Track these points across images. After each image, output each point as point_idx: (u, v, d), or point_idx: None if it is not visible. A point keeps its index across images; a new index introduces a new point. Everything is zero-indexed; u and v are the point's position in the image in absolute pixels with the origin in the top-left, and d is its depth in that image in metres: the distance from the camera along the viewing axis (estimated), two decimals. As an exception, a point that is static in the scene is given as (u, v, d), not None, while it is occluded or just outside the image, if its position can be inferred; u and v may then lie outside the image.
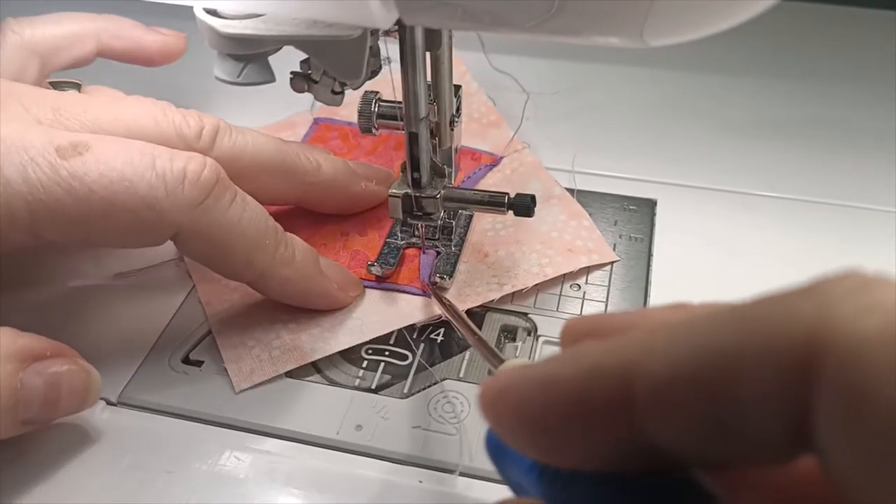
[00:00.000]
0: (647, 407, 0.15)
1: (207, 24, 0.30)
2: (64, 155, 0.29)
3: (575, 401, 0.16)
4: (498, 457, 0.20)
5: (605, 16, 0.24)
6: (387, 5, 0.26)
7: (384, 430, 0.33)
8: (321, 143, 0.47)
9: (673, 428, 0.15)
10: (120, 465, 0.32)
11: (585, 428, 0.16)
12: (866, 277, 0.14)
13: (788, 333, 0.13)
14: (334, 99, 0.34)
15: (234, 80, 0.32)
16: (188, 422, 0.33)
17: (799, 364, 0.13)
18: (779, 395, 0.13)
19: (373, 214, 0.42)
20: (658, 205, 0.43)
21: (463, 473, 0.31)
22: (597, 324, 0.20)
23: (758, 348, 0.14)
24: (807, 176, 0.45)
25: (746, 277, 0.39)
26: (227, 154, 0.35)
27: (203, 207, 0.31)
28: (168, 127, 0.33)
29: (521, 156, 0.46)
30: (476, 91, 0.50)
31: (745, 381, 0.14)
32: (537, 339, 0.36)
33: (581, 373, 0.16)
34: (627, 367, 0.15)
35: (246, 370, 0.35)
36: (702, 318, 0.15)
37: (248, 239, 0.33)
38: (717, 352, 0.14)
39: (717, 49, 0.50)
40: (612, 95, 0.51)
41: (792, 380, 0.13)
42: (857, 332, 0.12)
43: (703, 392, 0.14)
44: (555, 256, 0.39)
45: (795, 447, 0.14)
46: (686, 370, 0.14)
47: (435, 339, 0.37)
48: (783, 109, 0.50)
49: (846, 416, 0.12)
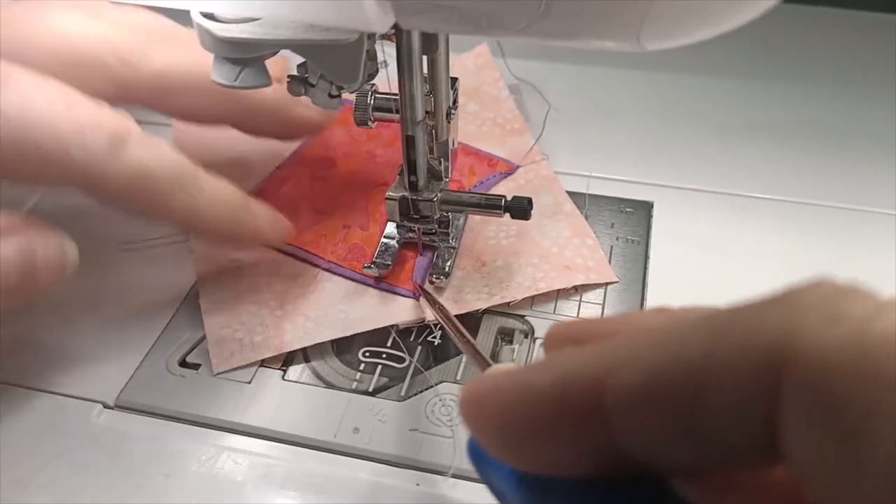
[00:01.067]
0: (617, 415, 0.15)
1: (204, 27, 0.30)
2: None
3: (550, 409, 0.16)
4: (479, 463, 0.20)
5: (602, 20, 0.24)
6: (383, 9, 0.26)
7: (381, 432, 0.33)
8: (343, 125, 0.47)
9: (643, 436, 0.15)
10: (117, 469, 0.32)
11: (561, 436, 0.16)
12: (836, 287, 0.14)
13: (756, 343, 0.13)
14: (331, 102, 0.34)
15: (230, 83, 0.32)
16: (185, 425, 0.33)
17: (766, 374, 0.13)
18: (746, 404, 0.13)
19: (376, 209, 0.42)
20: (654, 207, 0.43)
21: (456, 475, 0.31)
22: (580, 330, 0.20)
23: (726, 357, 0.14)
24: (803, 178, 0.45)
25: (742, 279, 0.39)
26: (159, 70, 0.34)
27: (113, 155, 0.31)
28: (98, 45, 0.33)
29: (538, 167, 0.45)
30: (506, 98, 0.50)
31: (713, 390, 0.14)
32: (534, 342, 0.36)
33: (556, 381, 0.16)
34: (599, 376, 0.15)
35: (226, 353, 0.35)
36: (675, 325, 0.15)
37: (164, 182, 0.33)
38: (687, 361, 0.14)
39: (714, 52, 0.50)
40: (608, 98, 0.52)
41: (759, 389, 0.13)
42: (822, 342, 0.13)
43: (673, 401, 0.14)
44: (550, 272, 0.39)
45: (767, 455, 0.14)
46: (656, 379, 0.14)
47: (432, 341, 0.37)
48: (779, 112, 0.50)
49: (809, 425, 0.13)
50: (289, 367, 0.35)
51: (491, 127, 0.48)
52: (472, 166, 0.45)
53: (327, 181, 0.44)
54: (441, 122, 0.37)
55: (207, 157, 0.46)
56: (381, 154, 0.46)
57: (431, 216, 0.37)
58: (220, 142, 0.48)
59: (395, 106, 0.35)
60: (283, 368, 0.35)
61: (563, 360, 0.17)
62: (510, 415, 0.17)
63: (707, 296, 0.38)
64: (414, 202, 0.37)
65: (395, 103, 0.35)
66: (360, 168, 0.45)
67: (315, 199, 0.43)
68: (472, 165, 0.45)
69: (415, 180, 0.36)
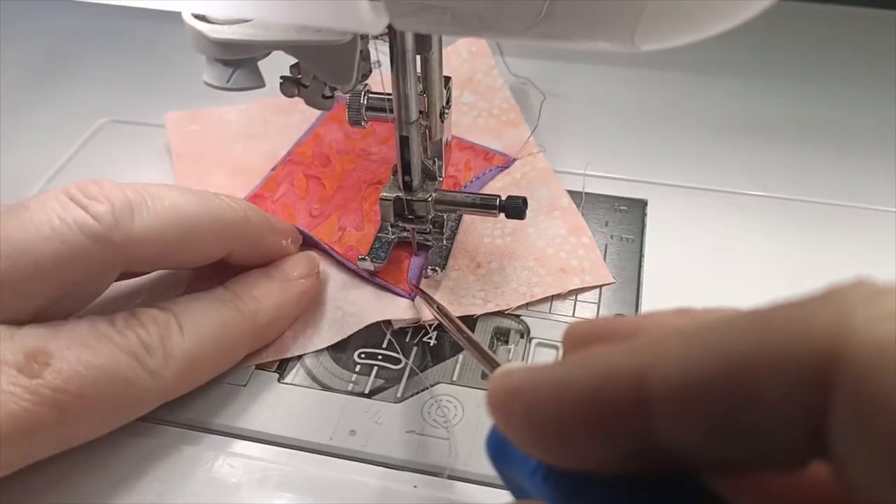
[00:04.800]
0: (660, 411, 0.15)
1: (196, 29, 0.30)
2: (31, 372, 0.27)
3: (587, 405, 0.16)
4: (500, 457, 0.20)
5: (595, 20, 0.24)
6: (377, 11, 0.26)
7: (378, 434, 0.33)
8: (336, 122, 0.47)
9: (686, 432, 0.15)
10: (113, 474, 0.31)
11: (597, 431, 0.16)
12: (877, 286, 0.14)
13: (806, 341, 0.13)
14: (324, 103, 0.34)
15: (222, 85, 0.31)
16: (180, 428, 0.33)
17: (816, 372, 0.13)
18: (795, 402, 0.14)
19: (371, 209, 0.42)
20: (649, 205, 0.43)
21: (452, 476, 0.31)
22: (601, 328, 0.20)
23: (776, 354, 0.14)
24: (798, 176, 0.45)
25: (737, 277, 0.39)
26: (150, 230, 0.31)
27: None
28: (74, 235, 0.29)
29: (535, 160, 0.45)
30: (500, 87, 0.49)
31: (762, 387, 0.14)
32: (530, 342, 0.36)
33: (594, 376, 0.16)
34: (641, 371, 0.15)
35: None
36: (717, 322, 0.15)
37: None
38: (734, 357, 0.14)
39: (709, 49, 0.50)
40: (602, 96, 0.51)
41: (809, 387, 0.13)
42: (874, 340, 0.13)
43: (719, 397, 0.14)
44: (545, 276, 0.38)
45: (809, 453, 0.14)
46: (701, 374, 0.15)
47: (427, 342, 0.36)
48: (774, 109, 0.50)
49: (860, 423, 0.13)
50: (284, 370, 0.35)
51: (486, 118, 0.47)
52: (468, 161, 0.45)
53: (321, 180, 0.44)
54: (435, 122, 0.37)
55: (205, 159, 0.46)
56: (375, 151, 0.46)
57: (426, 216, 0.37)
58: (217, 142, 0.47)
59: (388, 106, 0.35)
60: (278, 371, 0.35)
61: (597, 357, 0.17)
62: (543, 409, 0.17)
63: (702, 293, 0.38)
64: (408, 202, 0.36)
65: (388, 103, 0.35)
66: (354, 166, 0.45)
67: (310, 202, 0.43)
68: (468, 160, 0.45)
69: (409, 180, 0.36)
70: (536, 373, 0.18)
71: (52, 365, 0.28)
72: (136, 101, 0.51)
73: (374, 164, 0.45)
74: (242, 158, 0.46)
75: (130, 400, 0.30)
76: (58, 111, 0.52)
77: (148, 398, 0.31)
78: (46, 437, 0.28)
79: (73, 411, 0.28)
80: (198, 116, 0.49)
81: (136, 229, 0.30)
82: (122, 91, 0.53)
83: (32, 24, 0.60)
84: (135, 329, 0.30)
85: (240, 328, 0.33)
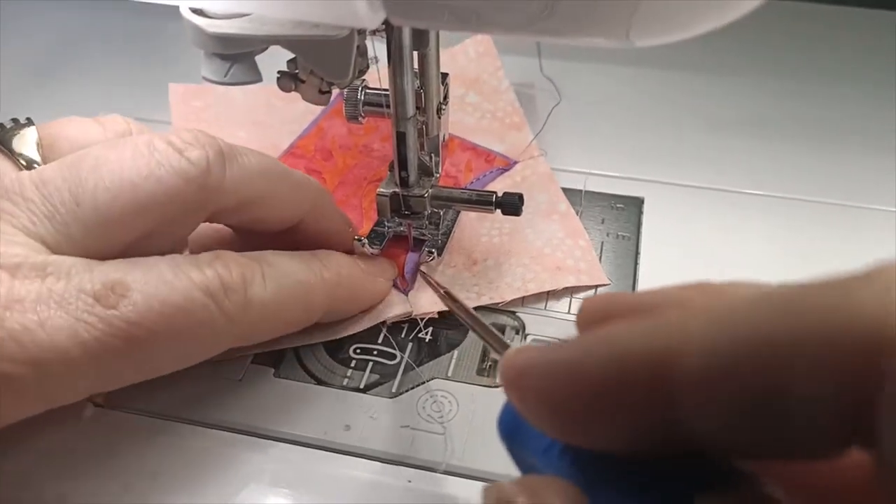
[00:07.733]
0: (684, 395, 0.15)
1: (193, 23, 0.30)
2: (107, 303, 0.27)
3: (606, 386, 0.16)
4: (512, 435, 0.20)
5: (590, 17, 0.24)
6: (374, 6, 0.26)
7: (373, 429, 0.33)
8: (340, 116, 0.47)
9: (711, 417, 0.14)
10: (107, 467, 0.31)
11: (614, 412, 0.16)
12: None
13: (850, 324, 0.13)
14: (321, 98, 0.34)
15: (220, 79, 0.31)
16: (175, 423, 0.33)
17: (862, 356, 0.12)
18: (838, 388, 0.13)
19: (370, 206, 0.42)
20: (645, 203, 0.43)
21: (447, 471, 0.31)
22: (615, 303, 0.19)
23: (816, 338, 0.13)
24: (795, 174, 0.45)
25: (733, 276, 0.39)
26: (240, 180, 0.32)
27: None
28: (170, 177, 0.30)
29: (535, 163, 0.45)
30: (506, 89, 0.49)
31: (799, 373, 0.13)
32: (525, 338, 0.36)
33: (613, 357, 0.16)
34: (664, 353, 0.15)
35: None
36: (744, 302, 0.14)
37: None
38: (765, 340, 0.13)
39: (705, 47, 0.50)
40: (598, 94, 0.52)
41: (853, 373, 0.13)
42: None
43: (748, 382, 0.14)
44: (540, 273, 0.38)
45: (845, 441, 0.13)
46: (729, 358, 0.14)
47: (423, 338, 0.37)
48: (771, 108, 0.50)
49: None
50: (279, 365, 0.35)
51: (490, 120, 0.47)
52: (469, 161, 0.45)
53: (323, 175, 0.44)
54: (431, 118, 0.37)
55: None
56: (378, 148, 0.46)
57: (422, 212, 0.37)
58: (220, 125, 0.47)
59: (385, 101, 0.35)
60: (273, 366, 0.35)
61: (616, 334, 0.16)
62: (560, 389, 0.17)
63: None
64: (405, 198, 0.36)
65: (385, 98, 0.35)
66: (356, 162, 0.45)
67: None
68: (468, 161, 0.45)
69: (405, 176, 0.36)
70: (553, 351, 0.17)
71: (128, 297, 0.27)
72: (136, 98, 0.51)
73: (375, 161, 0.45)
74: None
75: (203, 339, 0.30)
76: (58, 108, 0.52)
77: (221, 340, 0.31)
78: (116, 367, 0.28)
79: (143, 346, 0.28)
80: (202, 92, 0.49)
81: (228, 177, 0.31)
82: (122, 88, 0.53)
83: (32, 22, 0.60)
84: (216, 268, 0.30)
85: (319, 295, 0.34)
